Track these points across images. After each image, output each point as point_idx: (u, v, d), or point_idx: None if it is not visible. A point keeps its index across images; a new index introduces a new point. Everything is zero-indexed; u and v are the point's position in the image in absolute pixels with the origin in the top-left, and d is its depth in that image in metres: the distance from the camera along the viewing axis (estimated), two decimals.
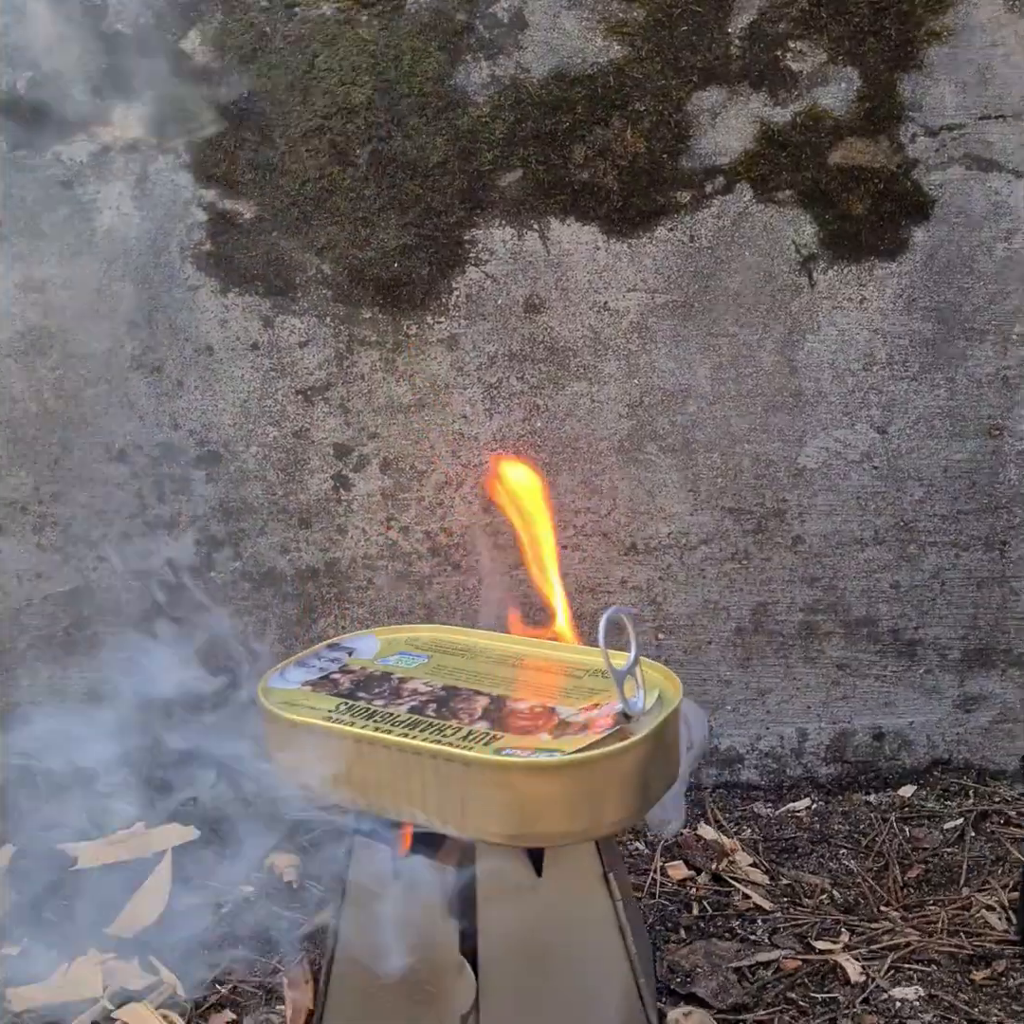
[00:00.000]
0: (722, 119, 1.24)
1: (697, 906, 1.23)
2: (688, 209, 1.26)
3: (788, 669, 1.38)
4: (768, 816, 1.39)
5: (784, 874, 1.28)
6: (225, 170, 1.24)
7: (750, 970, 1.13)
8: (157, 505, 1.31)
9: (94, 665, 1.35)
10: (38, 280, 1.26)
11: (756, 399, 1.31)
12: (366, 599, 1.35)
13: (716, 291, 1.29)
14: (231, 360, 1.29)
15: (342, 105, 1.23)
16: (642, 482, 1.32)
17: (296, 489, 1.32)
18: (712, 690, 1.38)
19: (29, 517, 1.31)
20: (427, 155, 1.24)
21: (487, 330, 1.29)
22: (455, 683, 1.05)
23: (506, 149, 1.24)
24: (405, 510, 1.33)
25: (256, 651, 1.36)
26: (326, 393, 1.30)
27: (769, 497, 1.33)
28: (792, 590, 1.36)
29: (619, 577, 1.35)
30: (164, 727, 1.36)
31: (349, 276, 1.27)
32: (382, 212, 1.25)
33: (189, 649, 1.36)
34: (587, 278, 1.28)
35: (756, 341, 1.30)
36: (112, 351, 1.28)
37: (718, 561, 1.35)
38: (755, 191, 1.26)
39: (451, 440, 1.31)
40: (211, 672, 1.35)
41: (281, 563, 1.34)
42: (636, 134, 1.24)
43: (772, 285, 1.29)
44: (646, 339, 1.29)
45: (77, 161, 1.24)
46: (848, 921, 1.19)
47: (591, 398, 1.31)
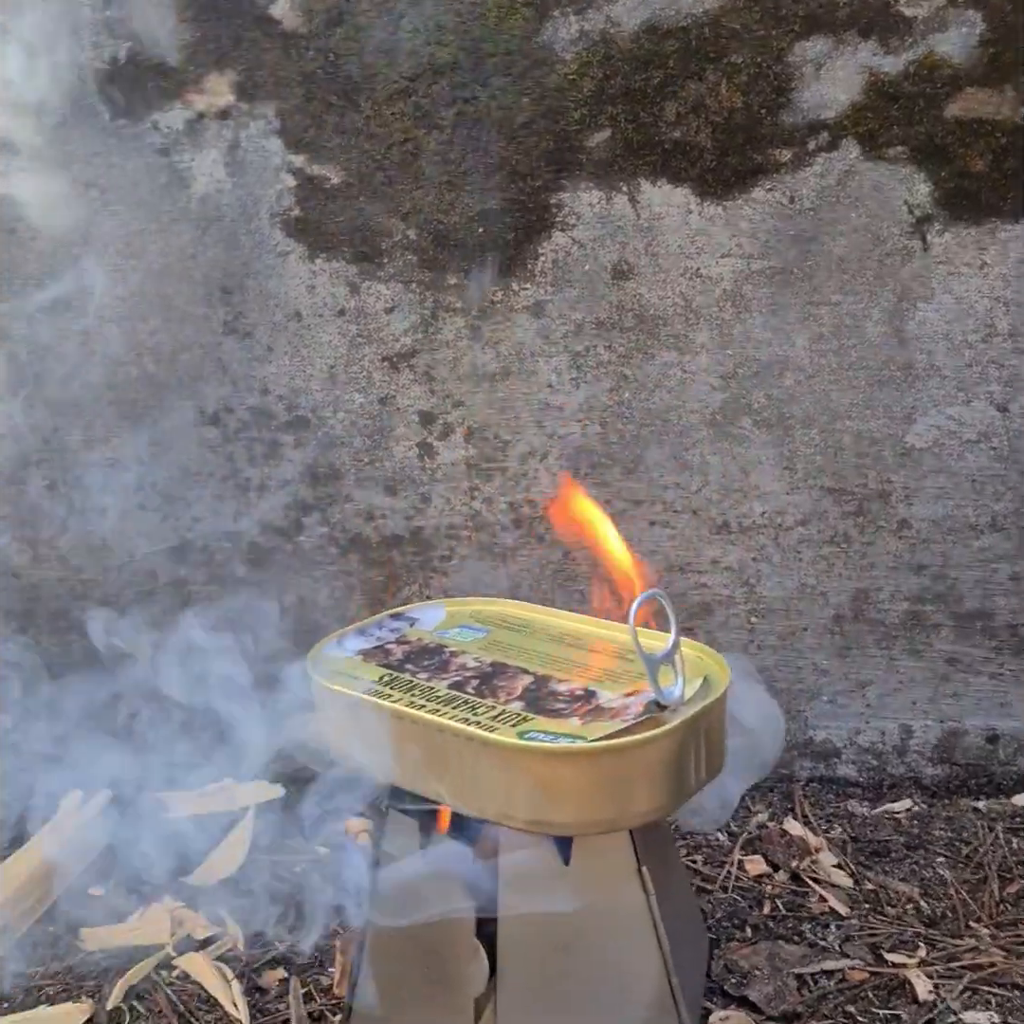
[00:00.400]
0: (827, 70, 1.17)
1: (769, 904, 1.19)
2: (788, 168, 1.20)
3: (891, 661, 1.31)
4: (863, 816, 1.33)
5: (870, 879, 1.22)
6: (313, 135, 1.25)
7: (812, 978, 1.09)
8: (248, 468, 1.35)
9: (190, 623, 1.40)
10: (138, 247, 1.31)
11: (860, 372, 1.24)
12: (450, 569, 1.35)
13: (818, 256, 1.22)
14: (319, 326, 1.31)
15: (427, 66, 1.22)
16: (735, 458, 1.28)
17: (382, 456, 1.33)
18: (807, 678, 1.33)
19: (130, 477, 1.37)
20: (513, 116, 1.22)
21: (574, 297, 1.26)
22: (504, 660, 1.05)
23: (594, 108, 1.21)
24: (489, 480, 1.32)
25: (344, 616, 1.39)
26: (411, 360, 1.30)
27: (873, 478, 1.26)
28: (897, 577, 1.29)
29: (710, 557, 1.31)
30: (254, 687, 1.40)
31: (435, 241, 1.27)
32: (467, 175, 1.24)
33: (278, 610, 1.40)
34: (678, 243, 1.24)
35: (861, 310, 1.22)
36: (206, 316, 1.32)
37: (816, 544, 1.29)
38: (863, 147, 1.19)
39: (536, 410, 1.30)
40: (299, 634, 1.39)
41: (367, 530, 1.35)
42: (732, 88, 1.18)
43: (880, 249, 1.21)
44: (740, 307, 1.24)
45: (173, 129, 1.28)
46: (930, 935, 1.13)
47: (682, 369, 1.27)
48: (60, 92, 1.29)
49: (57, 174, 1.31)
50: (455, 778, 0.91)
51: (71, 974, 1.14)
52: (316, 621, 1.39)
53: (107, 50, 1.27)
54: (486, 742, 0.88)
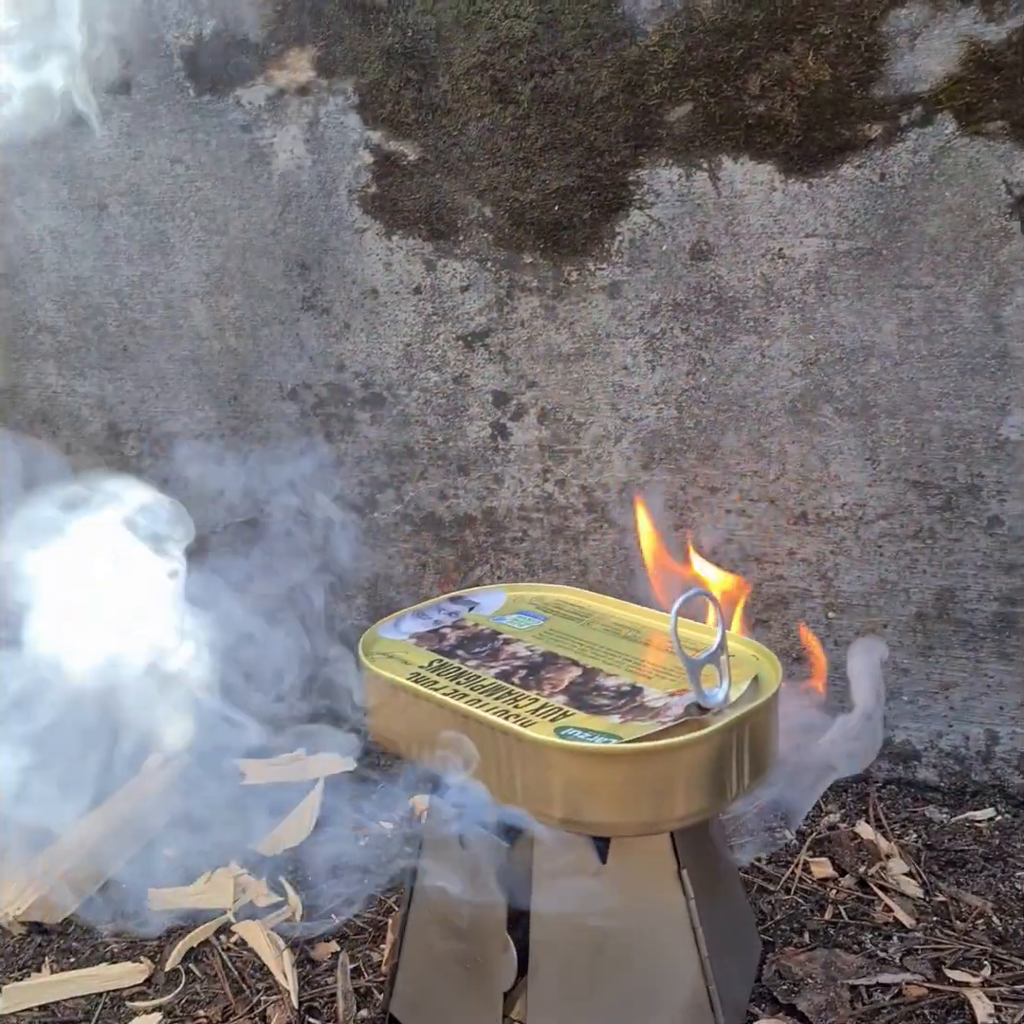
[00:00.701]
0: (923, 40, 1.11)
1: (832, 910, 1.17)
2: (879, 144, 1.15)
3: (978, 664, 1.26)
4: (941, 822, 1.28)
5: (942, 889, 1.19)
6: (390, 111, 1.25)
7: (867, 990, 1.06)
8: (324, 444, 1.37)
9: (266, 594, 1.43)
10: (221, 223, 1.34)
11: (951, 360, 1.18)
12: (521, 551, 1.35)
13: (909, 237, 1.16)
14: (395, 304, 1.31)
15: (504, 40, 1.20)
16: (815, 447, 1.23)
17: (455, 435, 1.33)
18: (887, 677, 1.29)
19: (212, 449, 1.40)
20: (591, 90, 1.19)
21: (651, 278, 1.24)
22: (556, 650, 1.05)
23: (675, 81, 1.17)
24: (562, 462, 1.31)
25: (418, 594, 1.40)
26: (486, 339, 1.30)
27: (962, 471, 1.21)
28: (986, 576, 1.23)
29: (787, 547, 1.27)
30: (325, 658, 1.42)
31: (510, 219, 1.25)
32: (544, 152, 1.22)
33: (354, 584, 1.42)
34: (761, 222, 1.20)
35: (954, 294, 1.17)
36: (285, 292, 1.34)
37: (898, 538, 1.24)
38: (959, 122, 1.12)
39: (611, 392, 1.28)
40: (373, 610, 1.41)
41: (440, 509, 1.36)
42: (820, 60, 1.13)
43: (976, 230, 1.15)
44: (825, 290, 1.20)
45: (255, 105, 1.29)
46: (997, 953, 1.09)
47: (761, 353, 1.23)
48: (148, 69, 1.31)
49: (146, 149, 1.34)
50: (491, 770, 0.91)
51: (136, 933, 1.19)
52: (391, 597, 1.41)
53: (192, 27, 1.29)
54: (520, 737, 0.88)
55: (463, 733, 0.94)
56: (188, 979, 1.12)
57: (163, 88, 1.32)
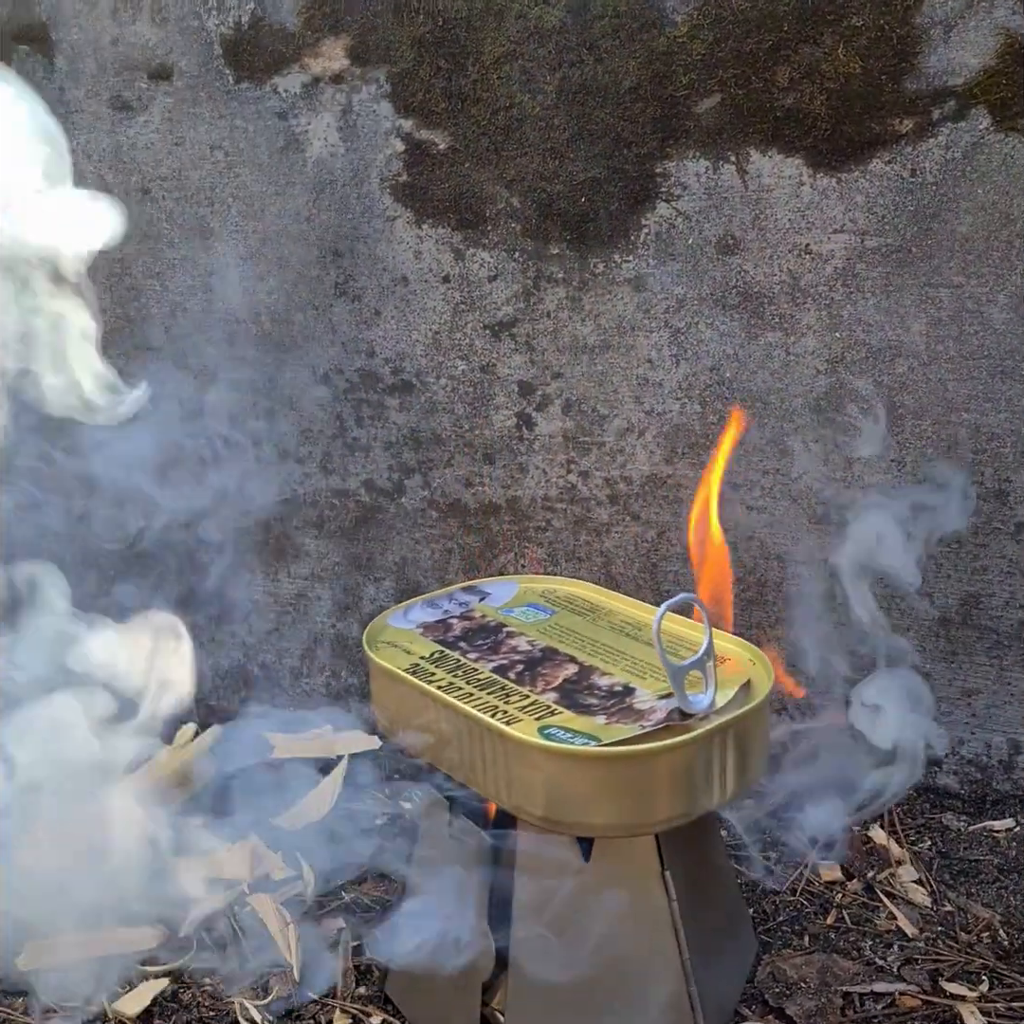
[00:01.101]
0: (957, 32, 1.08)
1: (835, 914, 1.17)
2: (910, 139, 1.12)
3: (1002, 672, 1.23)
4: (958, 831, 1.27)
5: (950, 899, 1.17)
6: (421, 100, 1.26)
7: (860, 998, 1.06)
8: (355, 429, 1.39)
9: (301, 573, 1.47)
10: (257, 208, 1.36)
11: (981, 362, 1.16)
12: (544, 540, 1.35)
13: (939, 235, 1.14)
14: (424, 292, 1.32)
15: (534, 29, 1.20)
16: (839, 446, 1.22)
17: (481, 424, 1.34)
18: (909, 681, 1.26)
19: (248, 430, 1.43)
20: (619, 80, 1.18)
21: (676, 271, 1.23)
22: (558, 645, 1.06)
23: (703, 72, 1.16)
24: (586, 454, 1.31)
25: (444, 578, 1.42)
26: (512, 329, 1.30)
27: (989, 476, 1.18)
28: (1012, 583, 1.21)
29: (808, 546, 1.26)
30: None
31: (537, 210, 1.25)
32: (571, 142, 1.22)
33: (383, 567, 1.44)
34: (788, 217, 1.18)
35: (986, 295, 1.14)
36: (319, 278, 1.36)
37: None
38: (994, 117, 1.09)
39: (635, 385, 1.28)
40: (400, 593, 1.43)
41: (466, 496, 1.37)
42: (850, 52, 1.11)
43: (1010, 229, 1.12)
44: (852, 287, 1.18)
45: (291, 92, 1.31)
46: (999, 968, 1.08)
47: (786, 350, 1.21)
48: (189, 56, 1.34)
49: (187, 135, 1.37)
50: (478, 764, 0.93)
51: (154, 899, 1.23)
52: (417, 581, 1.43)
53: (231, 15, 1.31)
54: (503, 735, 0.89)
55: (453, 727, 0.96)
56: (198, 947, 1.17)
57: (204, 75, 1.34)
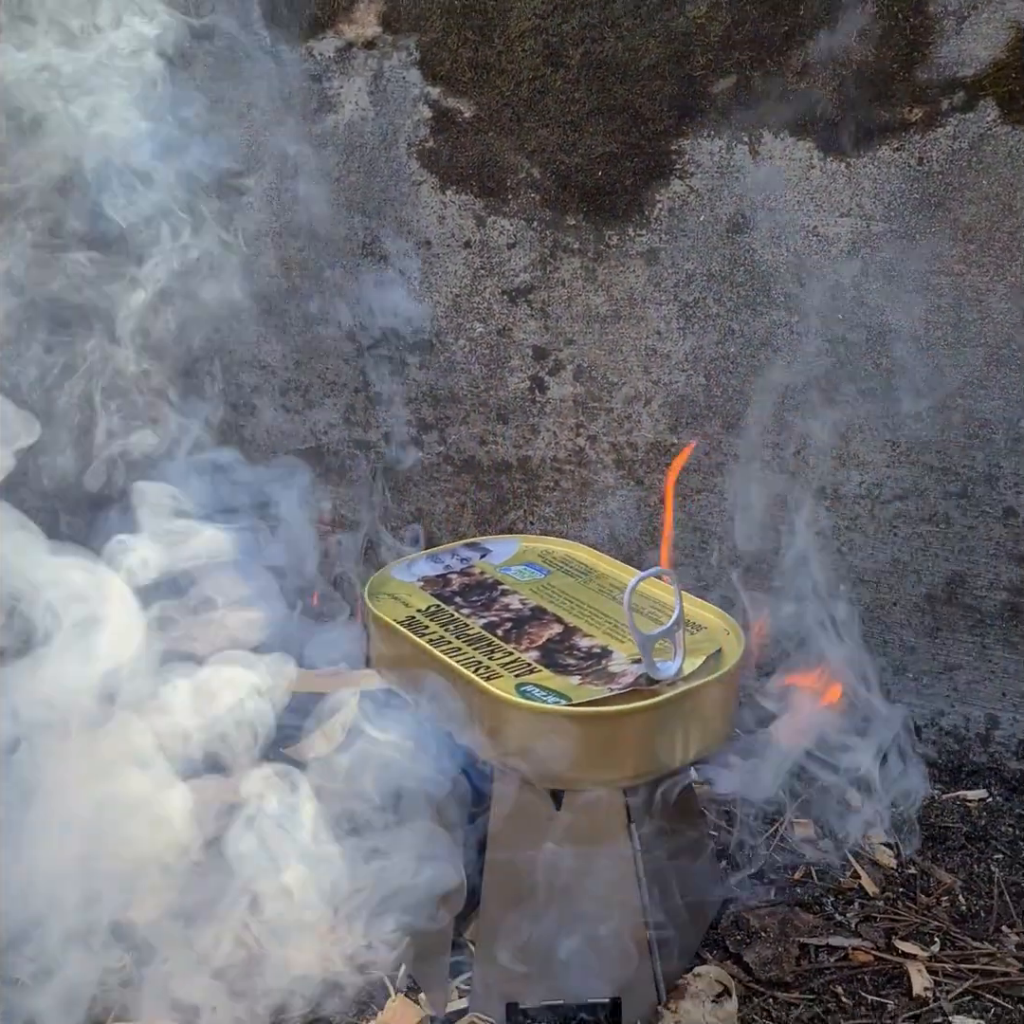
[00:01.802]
0: (970, 24, 1.09)
1: (803, 870, 1.22)
2: (918, 128, 1.14)
3: (983, 649, 1.27)
4: (932, 798, 1.31)
5: (916, 863, 1.23)
6: (448, 68, 1.29)
7: (816, 950, 1.12)
8: (377, 383, 1.45)
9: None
10: (291, 168, 1.40)
11: (978, 349, 1.18)
12: (552, 500, 1.41)
13: (943, 223, 1.16)
14: (446, 256, 1.36)
15: (558, 4, 1.22)
16: (836, 425, 1.25)
17: (496, 385, 1.39)
18: (893, 653, 1.31)
19: (277, 381, 1.50)
20: (638, 58, 1.21)
21: (687, 247, 1.26)
22: (547, 605, 1.11)
23: (720, 53, 1.18)
24: (594, 419, 1.36)
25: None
26: (529, 296, 1.34)
27: (980, 460, 1.21)
28: (997, 565, 1.24)
29: (803, 520, 1.29)
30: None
31: (556, 181, 1.29)
32: (590, 117, 1.25)
33: (399, 517, 1.50)
34: (797, 199, 1.20)
35: (986, 284, 1.16)
36: (347, 238, 1.40)
37: (913, 520, 1.25)
38: (1002, 109, 1.11)
39: (643, 355, 1.31)
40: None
41: (479, 453, 1.42)
42: (864, 41, 1.12)
43: (1012, 220, 1.14)
44: (856, 271, 1.20)
45: (326, 56, 1.34)
46: (952, 932, 1.13)
47: (790, 329, 1.24)
48: (230, 16, 1.38)
49: (226, 94, 1.41)
50: (461, 714, 0.99)
51: None
52: (432, 532, 1.49)
53: None
54: (481, 690, 0.95)
55: (441, 679, 1.02)
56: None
57: (243, 35, 1.38)
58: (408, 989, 1.06)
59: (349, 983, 1.01)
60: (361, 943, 1.00)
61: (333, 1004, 1.01)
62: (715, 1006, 1.04)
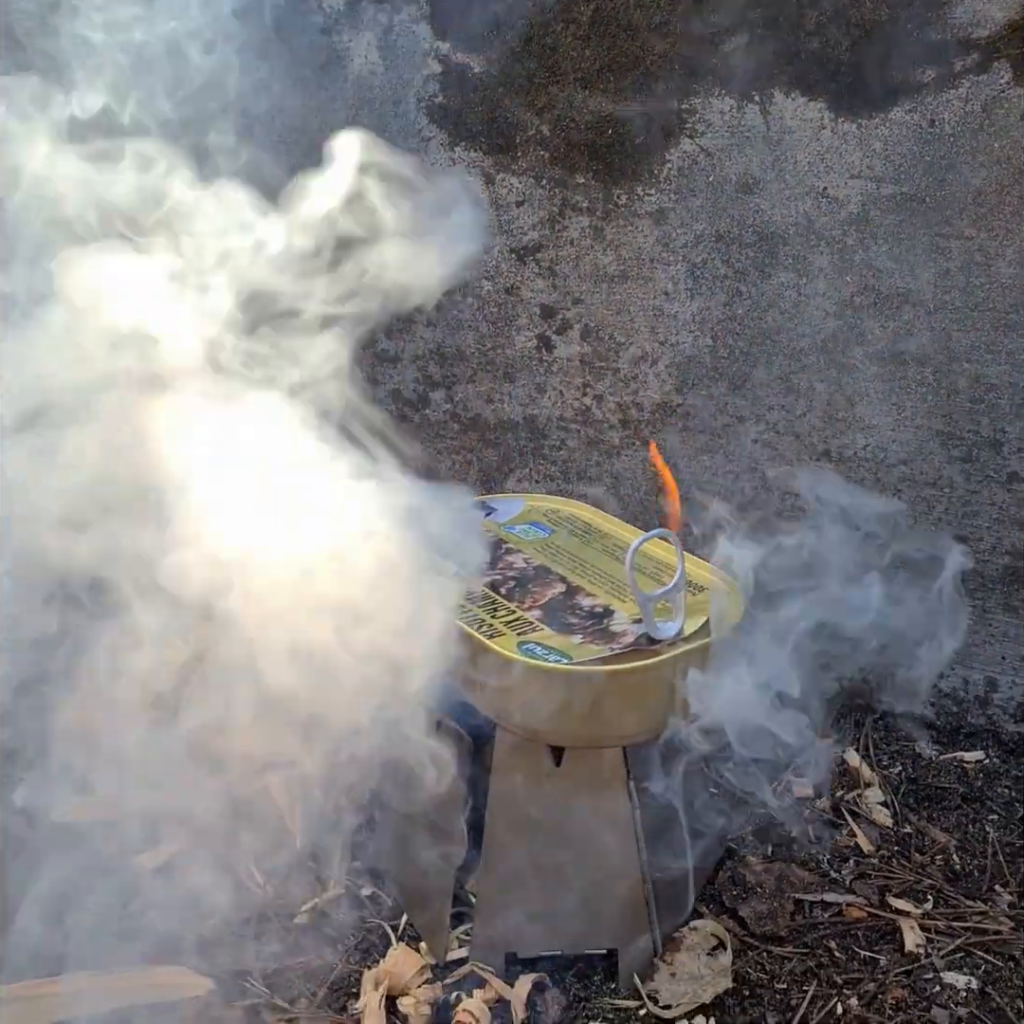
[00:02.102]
0: None
1: (800, 828, 1.23)
2: (931, 89, 1.13)
3: (984, 613, 1.28)
4: (929, 758, 1.33)
5: (911, 822, 1.24)
6: (458, 23, 1.28)
7: (810, 906, 1.14)
8: (385, 341, 1.44)
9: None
10: (299, 122, 1.40)
11: (985, 314, 1.18)
12: (558, 458, 1.41)
13: (954, 186, 1.15)
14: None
15: None
16: (842, 387, 1.25)
17: (503, 343, 1.39)
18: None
19: None
20: (650, 15, 1.20)
21: (696, 207, 1.25)
22: (551, 564, 1.12)
23: (732, 12, 1.17)
24: (601, 379, 1.36)
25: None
26: (537, 254, 1.34)
27: (985, 425, 1.21)
28: (1000, 530, 1.24)
29: (808, 482, 1.30)
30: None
31: (565, 139, 1.28)
32: (601, 74, 1.24)
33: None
34: (807, 159, 1.19)
35: (995, 248, 1.15)
36: None
37: (917, 484, 1.26)
38: (1015, 72, 1.09)
39: (651, 315, 1.31)
40: None
41: (486, 411, 1.43)
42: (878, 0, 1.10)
43: (1023, 184, 1.12)
44: (865, 233, 1.19)
45: (335, 9, 1.33)
46: (945, 890, 1.15)
47: (798, 291, 1.24)
48: None
49: (235, 48, 1.40)
50: (465, 670, 1.00)
51: None
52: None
53: None
54: (483, 647, 0.96)
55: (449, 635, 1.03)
56: None
57: None
58: (409, 938, 1.09)
59: None
60: None
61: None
62: (710, 959, 1.06)
